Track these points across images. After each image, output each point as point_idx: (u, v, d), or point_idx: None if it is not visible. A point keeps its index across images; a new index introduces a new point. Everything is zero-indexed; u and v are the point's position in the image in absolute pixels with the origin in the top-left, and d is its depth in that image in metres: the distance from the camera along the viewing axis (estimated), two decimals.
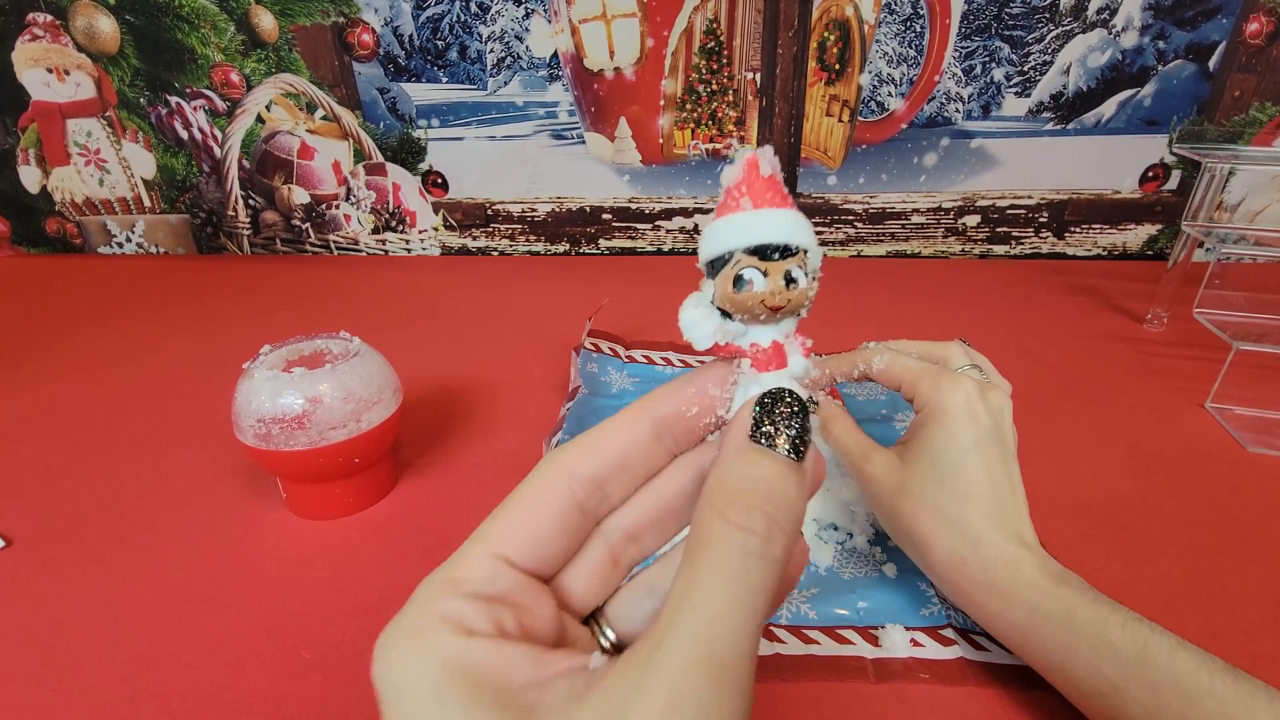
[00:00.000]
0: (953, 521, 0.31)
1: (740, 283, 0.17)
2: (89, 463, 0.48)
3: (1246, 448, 0.47)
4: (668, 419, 0.18)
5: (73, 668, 0.32)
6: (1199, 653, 0.24)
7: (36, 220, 0.95)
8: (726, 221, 0.17)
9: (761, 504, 0.15)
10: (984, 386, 0.34)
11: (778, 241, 0.17)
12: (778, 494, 0.15)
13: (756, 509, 0.15)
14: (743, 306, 0.17)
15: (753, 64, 0.80)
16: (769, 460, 0.16)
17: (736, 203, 0.17)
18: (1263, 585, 0.36)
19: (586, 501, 0.18)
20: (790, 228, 0.17)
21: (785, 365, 0.18)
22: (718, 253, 0.17)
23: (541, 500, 0.17)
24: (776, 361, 0.18)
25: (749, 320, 0.18)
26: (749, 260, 0.17)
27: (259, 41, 0.83)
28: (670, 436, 0.18)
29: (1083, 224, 0.85)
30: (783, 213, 0.17)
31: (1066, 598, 0.27)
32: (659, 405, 0.18)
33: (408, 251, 0.93)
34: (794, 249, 0.17)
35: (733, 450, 0.16)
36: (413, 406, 0.53)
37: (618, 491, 0.18)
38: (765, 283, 0.17)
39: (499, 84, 0.83)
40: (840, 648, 0.32)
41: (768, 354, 0.18)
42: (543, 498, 0.17)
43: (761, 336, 0.18)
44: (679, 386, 0.19)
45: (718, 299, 0.18)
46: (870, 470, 0.34)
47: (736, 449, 0.16)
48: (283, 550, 0.39)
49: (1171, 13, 0.74)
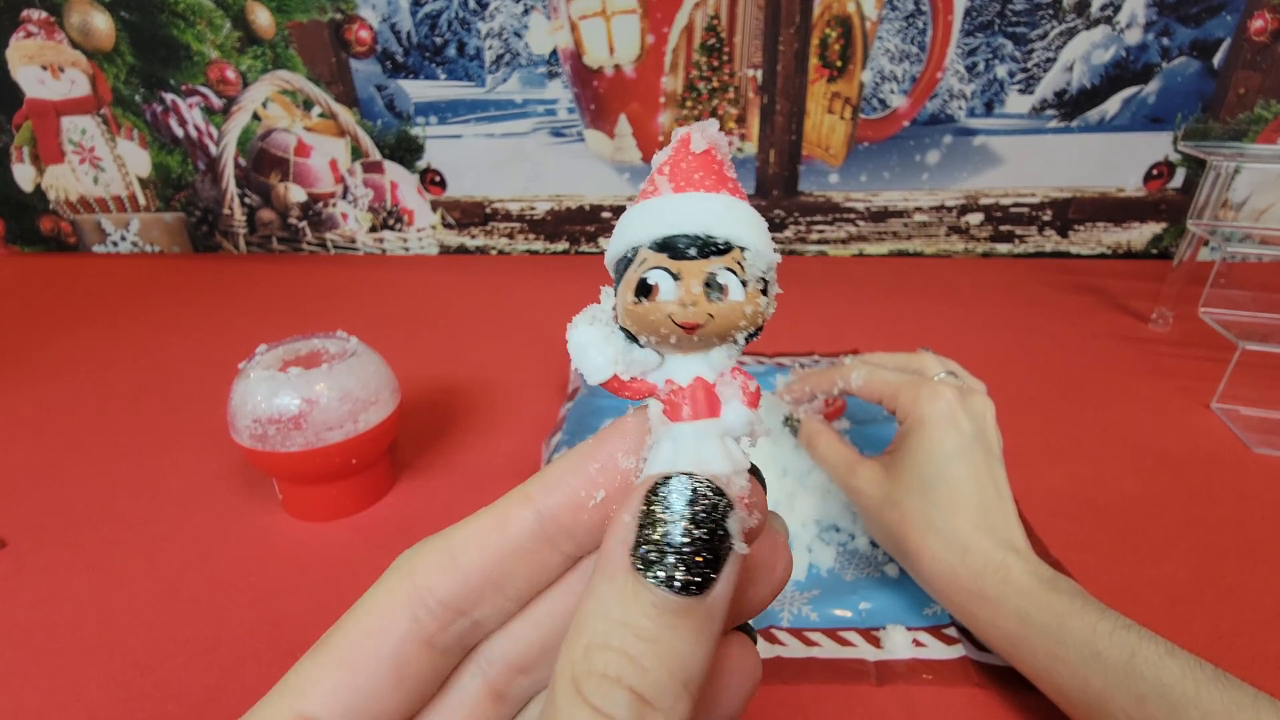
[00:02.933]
0: (940, 531, 0.30)
1: (644, 289, 0.12)
2: (83, 464, 0.47)
3: (1252, 448, 0.47)
4: (560, 515, 0.13)
5: (68, 670, 0.32)
6: (1187, 661, 0.24)
7: (31, 219, 0.94)
8: (638, 209, 0.13)
9: (631, 673, 0.11)
10: (965, 393, 0.34)
11: (694, 232, 0.12)
12: (658, 655, 0.11)
13: (620, 685, 0.11)
14: (643, 323, 0.12)
15: (754, 61, 0.79)
16: (646, 601, 0.11)
17: (655, 186, 0.13)
18: (1268, 587, 0.35)
19: (441, 636, 0.13)
20: (716, 215, 0.12)
21: (714, 414, 0.13)
22: (621, 251, 0.13)
23: (368, 640, 0.13)
24: (699, 408, 0.13)
25: (660, 345, 0.13)
26: (656, 258, 0.12)
27: (255, 38, 0.82)
28: (567, 537, 0.14)
29: (1087, 222, 0.84)
30: (709, 197, 0.13)
31: (1056, 605, 0.27)
32: (547, 495, 0.13)
33: (405, 250, 0.93)
34: (720, 244, 0.12)
35: (602, 576, 0.12)
36: (411, 407, 0.53)
37: (493, 614, 0.14)
38: (675, 289, 0.12)
39: (498, 81, 0.83)
40: (842, 650, 0.32)
41: (686, 396, 0.13)
42: (370, 636, 0.13)
43: (680, 370, 0.13)
44: (577, 463, 0.14)
45: (619, 313, 0.13)
46: (856, 484, 0.35)
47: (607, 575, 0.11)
48: (279, 552, 0.39)
49: (1176, 9, 0.73)
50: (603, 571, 0.12)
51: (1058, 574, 0.29)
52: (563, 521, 0.13)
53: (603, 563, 0.12)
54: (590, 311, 0.14)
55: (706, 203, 0.13)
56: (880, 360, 0.39)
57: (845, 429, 0.47)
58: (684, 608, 0.11)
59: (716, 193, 0.13)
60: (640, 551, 0.11)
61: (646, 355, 0.13)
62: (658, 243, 0.12)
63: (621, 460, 0.13)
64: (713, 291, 0.12)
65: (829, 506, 0.39)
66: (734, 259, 0.12)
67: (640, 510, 0.12)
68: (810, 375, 0.40)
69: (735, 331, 0.13)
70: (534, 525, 0.13)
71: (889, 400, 0.35)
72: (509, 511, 0.14)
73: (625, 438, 0.14)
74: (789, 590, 0.35)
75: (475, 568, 0.13)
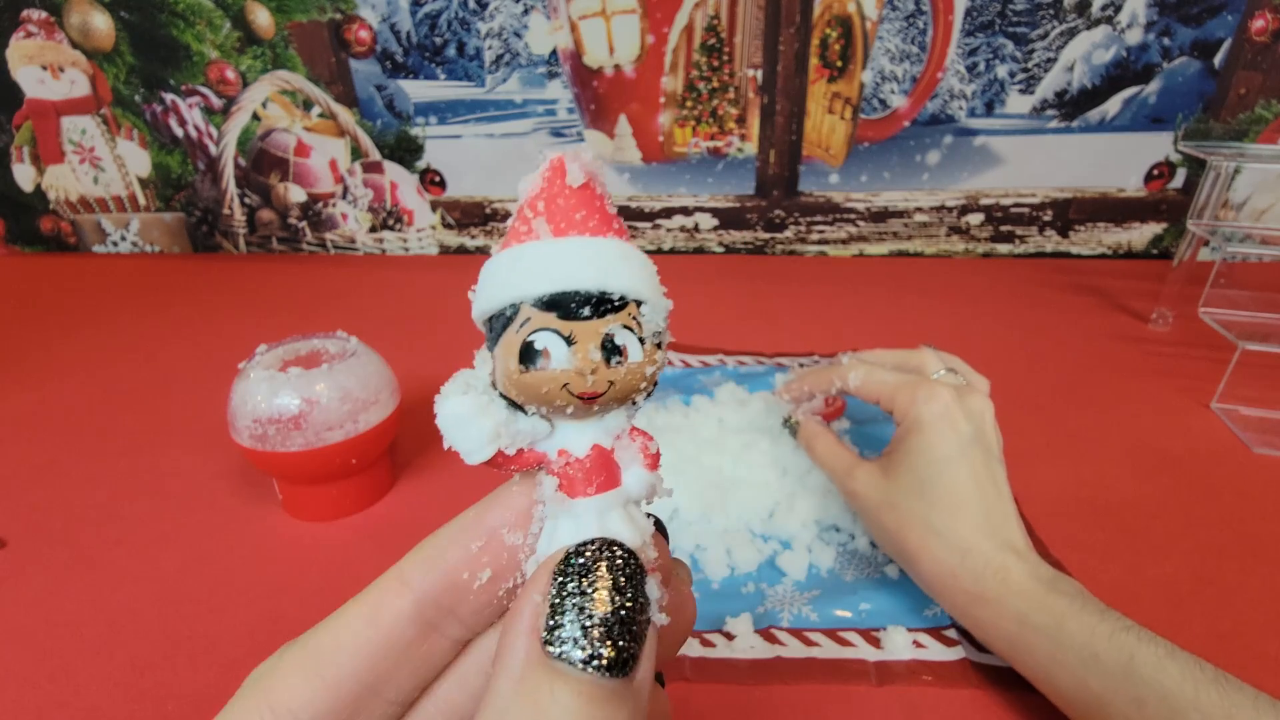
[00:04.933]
0: (939, 533, 0.30)
1: (531, 355, 0.11)
2: (84, 464, 0.47)
3: (1252, 449, 0.47)
4: (441, 598, 0.12)
5: (68, 670, 0.32)
6: (1187, 663, 0.24)
7: (31, 219, 0.94)
8: (511, 255, 0.11)
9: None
10: (962, 393, 0.33)
11: (586, 289, 0.11)
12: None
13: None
14: (533, 394, 0.11)
15: (754, 61, 0.79)
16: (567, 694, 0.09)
17: (529, 226, 0.11)
18: (1268, 587, 0.35)
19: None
20: (610, 264, 0.11)
21: (614, 484, 0.12)
22: (496, 307, 0.11)
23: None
24: (598, 479, 0.12)
25: (552, 414, 0.12)
26: (543, 318, 0.11)
27: (255, 38, 0.82)
28: (453, 621, 0.12)
29: (1087, 222, 0.84)
30: (597, 243, 0.11)
31: (1055, 607, 0.27)
32: (425, 576, 0.12)
33: (405, 250, 0.93)
34: (615, 300, 0.11)
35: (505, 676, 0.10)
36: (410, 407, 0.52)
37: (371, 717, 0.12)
38: (570, 355, 0.11)
39: (497, 81, 0.83)
40: (842, 650, 0.32)
41: (583, 467, 0.12)
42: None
43: (574, 439, 0.12)
44: (454, 538, 0.12)
45: (499, 381, 0.12)
46: (854, 487, 0.35)
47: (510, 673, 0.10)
48: (279, 552, 0.39)
49: (1176, 9, 0.73)
50: (505, 671, 0.10)
51: (1058, 574, 0.29)
52: (445, 604, 0.12)
53: (505, 660, 0.10)
54: (462, 379, 0.12)
55: (595, 250, 0.11)
56: (879, 358, 0.38)
57: (845, 428, 0.47)
58: (613, 693, 0.09)
59: (603, 236, 0.11)
60: (556, 635, 0.10)
61: (535, 424, 0.12)
62: (543, 300, 0.11)
63: (506, 536, 0.12)
64: (611, 355, 0.11)
65: (829, 506, 0.39)
66: (630, 315, 0.11)
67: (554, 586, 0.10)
68: (808, 374, 0.40)
69: (636, 395, 0.11)
70: (412, 613, 0.12)
71: (886, 401, 0.35)
72: (382, 601, 0.12)
73: (508, 510, 0.12)
74: (789, 590, 0.35)
75: (346, 676, 0.11)
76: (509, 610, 0.11)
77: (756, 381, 0.53)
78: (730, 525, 0.39)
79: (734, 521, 0.39)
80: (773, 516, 0.39)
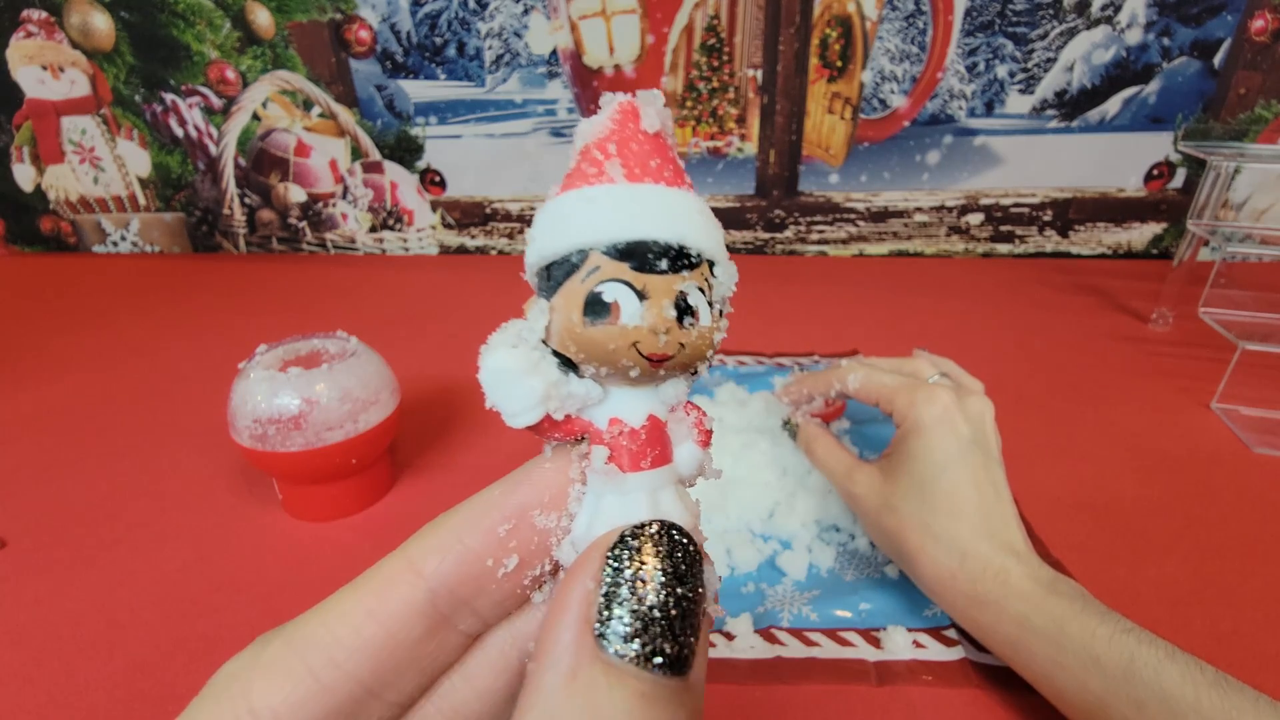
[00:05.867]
0: (939, 536, 0.30)
1: (598, 308, 0.10)
2: (83, 464, 0.47)
3: (1252, 448, 0.47)
4: (457, 587, 0.10)
5: (68, 670, 0.32)
6: (1188, 664, 0.24)
7: (31, 219, 0.94)
8: (581, 196, 0.10)
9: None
10: (962, 395, 0.33)
11: (666, 239, 0.10)
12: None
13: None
14: (599, 352, 0.10)
15: (754, 61, 0.79)
16: (625, 694, 0.08)
17: (599, 169, 0.10)
18: (1268, 587, 0.35)
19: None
20: (689, 217, 0.10)
21: (667, 460, 0.11)
22: (559, 252, 0.10)
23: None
24: (653, 452, 0.10)
25: (609, 378, 0.10)
26: (615, 268, 0.10)
27: (255, 38, 0.82)
28: (466, 613, 0.11)
29: (1087, 222, 0.84)
30: (675, 193, 0.10)
31: (1055, 609, 0.27)
32: (440, 563, 0.10)
33: (405, 250, 0.93)
34: (694, 256, 0.10)
35: (556, 671, 0.09)
36: (410, 407, 0.53)
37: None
38: (643, 311, 0.10)
39: (497, 81, 0.83)
40: (842, 650, 0.32)
41: (638, 439, 0.10)
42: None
43: (628, 407, 0.11)
44: (475, 520, 0.11)
45: (555, 336, 0.10)
46: (854, 489, 0.35)
47: (563, 668, 0.09)
48: (279, 552, 0.39)
49: (1176, 9, 0.73)
50: (552, 665, 0.09)
51: (1058, 576, 0.29)
52: (461, 595, 0.10)
53: (550, 652, 0.09)
54: (513, 329, 0.10)
55: (673, 200, 0.10)
56: (876, 364, 0.39)
57: (845, 429, 0.47)
58: (674, 693, 0.08)
59: (680, 187, 0.10)
60: (611, 627, 0.08)
61: (588, 388, 0.10)
62: (618, 248, 0.10)
63: (537, 519, 0.11)
64: (684, 315, 0.10)
65: (829, 507, 0.39)
66: (703, 275, 0.10)
67: (608, 571, 0.09)
68: (808, 377, 0.41)
69: (700, 364, 0.10)
70: (424, 605, 0.10)
71: (885, 403, 0.35)
72: (388, 591, 0.10)
73: (541, 489, 0.11)
74: (789, 590, 0.35)
75: (343, 676, 0.10)
76: (555, 596, 0.09)
77: (756, 381, 0.53)
78: (730, 525, 0.39)
79: (734, 521, 0.39)
80: (773, 516, 0.39)
